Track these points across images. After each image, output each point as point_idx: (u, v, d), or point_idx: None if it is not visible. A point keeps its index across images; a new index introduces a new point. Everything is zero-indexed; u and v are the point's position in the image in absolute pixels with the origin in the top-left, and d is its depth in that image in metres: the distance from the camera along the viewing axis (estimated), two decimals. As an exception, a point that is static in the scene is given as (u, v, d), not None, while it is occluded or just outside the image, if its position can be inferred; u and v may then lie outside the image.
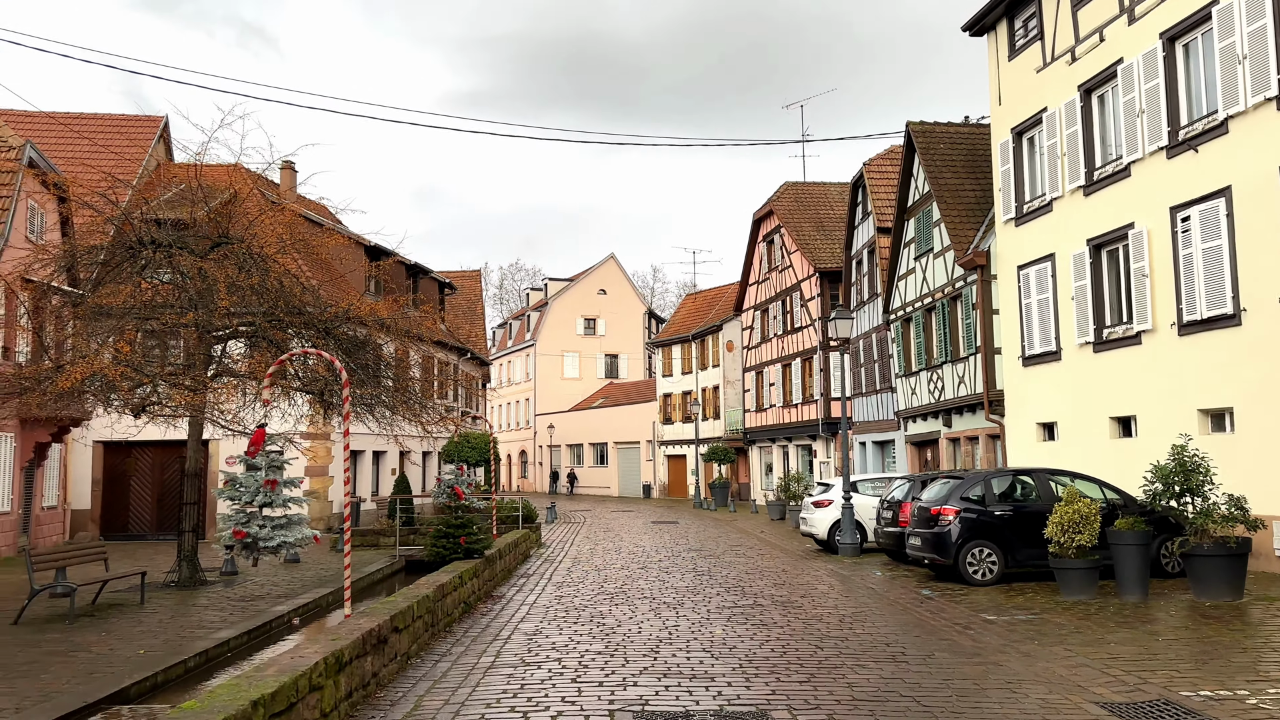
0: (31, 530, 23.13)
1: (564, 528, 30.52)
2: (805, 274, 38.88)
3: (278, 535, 9.68)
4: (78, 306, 15.40)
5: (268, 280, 15.29)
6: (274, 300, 16.27)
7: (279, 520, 9.68)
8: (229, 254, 16.00)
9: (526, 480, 71.98)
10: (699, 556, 19.99)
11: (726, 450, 44.61)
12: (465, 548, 13.59)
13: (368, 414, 16.75)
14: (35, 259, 15.59)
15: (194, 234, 16.29)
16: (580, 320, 72.60)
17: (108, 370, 12.54)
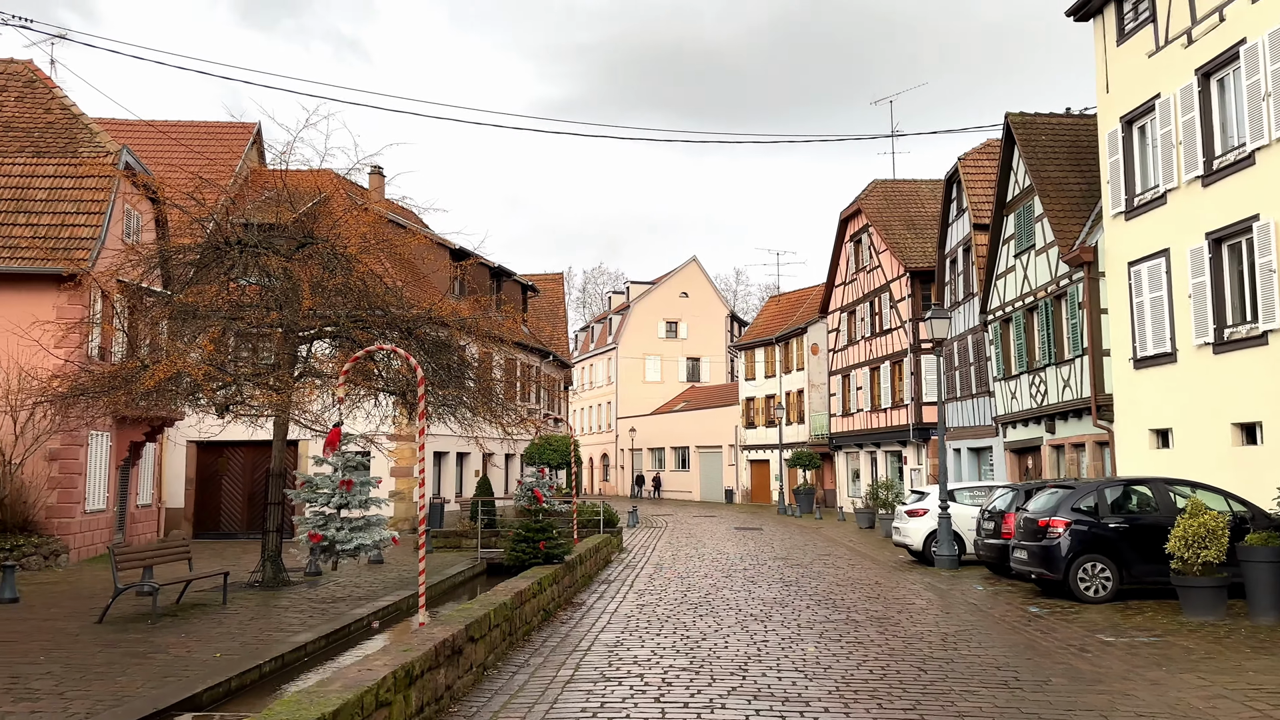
0: (126, 528, 23.62)
1: (645, 532, 30.03)
2: (895, 274, 37.68)
3: (355, 538, 9.43)
4: (167, 306, 15.51)
5: (351, 280, 15.16)
6: (357, 300, 16.15)
7: (357, 522, 9.42)
8: (314, 254, 15.93)
9: (608, 484, 71.80)
10: (786, 565, 19.25)
11: (811, 455, 43.58)
12: (545, 552, 13.18)
13: (449, 415, 16.51)
14: (126, 259, 15.75)
15: (281, 235, 16.28)
16: (662, 323, 72.18)
17: (192, 369, 12.51)
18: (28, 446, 19.08)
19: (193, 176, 17.27)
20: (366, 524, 9.28)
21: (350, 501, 9.36)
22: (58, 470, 19.88)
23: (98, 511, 21.39)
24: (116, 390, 13.17)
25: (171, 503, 29.12)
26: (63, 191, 21.30)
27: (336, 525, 9.56)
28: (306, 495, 9.73)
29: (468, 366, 16.64)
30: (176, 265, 16.68)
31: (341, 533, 9.60)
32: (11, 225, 20.31)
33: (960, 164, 30.79)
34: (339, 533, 9.47)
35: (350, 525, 9.28)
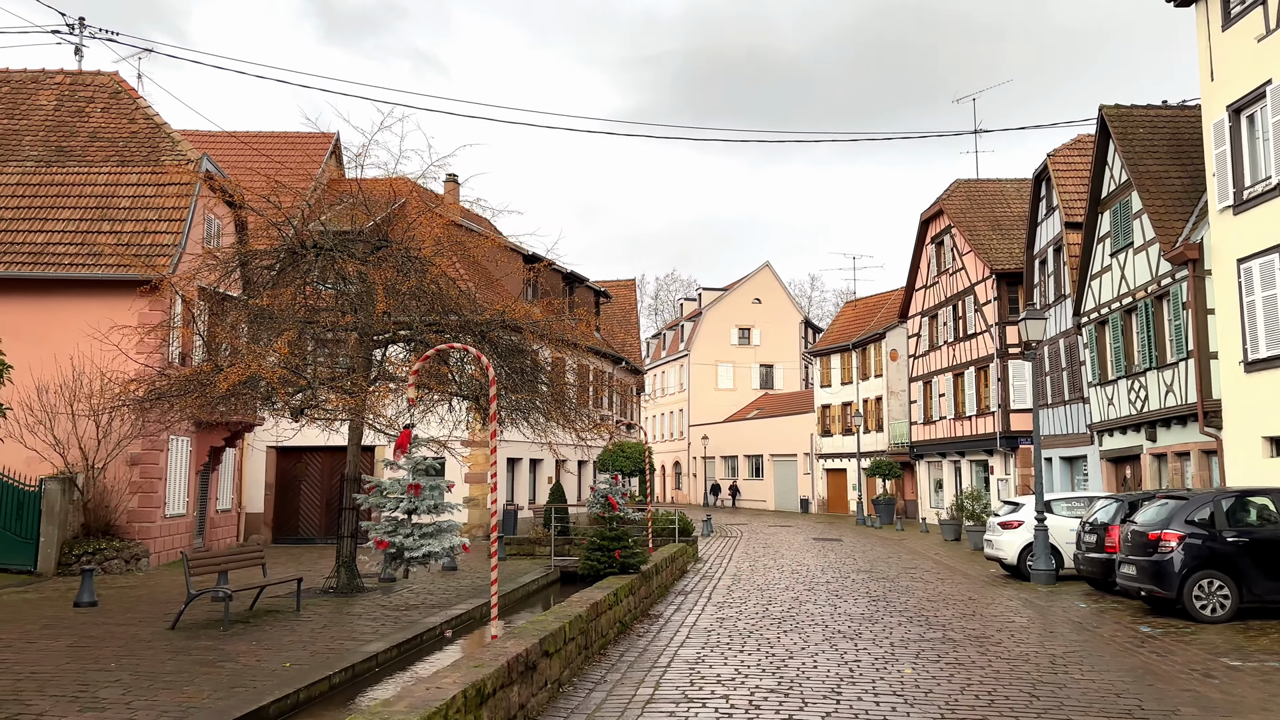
0: (206, 532, 23.85)
1: (720, 542, 29.35)
2: (980, 276, 36.37)
3: (424, 544, 9.04)
4: (244, 310, 15.46)
5: (424, 283, 14.91)
6: (431, 304, 15.92)
7: (427, 528, 9.02)
8: (388, 257, 15.74)
9: (680, 492, 71.16)
10: (871, 579, 18.43)
11: (891, 465, 42.37)
12: (620, 562, 12.67)
13: (522, 420, 16.16)
14: (204, 263, 15.77)
15: (356, 239, 16.13)
16: (734, 330, 71.36)
17: (265, 372, 12.36)
18: (110, 451, 19.32)
19: (269, 180, 17.25)
20: (437, 530, 8.83)
21: (419, 507, 8.90)
22: (139, 475, 20.10)
23: (178, 516, 21.60)
24: (192, 394, 13.11)
25: (251, 507, 29.44)
26: (145, 199, 21.63)
27: (405, 531, 9.15)
28: (375, 500, 9.32)
29: (540, 370, 16.27)
30: (255, 270, 16.65)
31: (410, 539, 9.16)
32: (96, 233, 20.66)
33: (1050, 160, 29.52)
34: (408, 539, 9.04)
35: (420, 531, 8.83)
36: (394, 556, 9.06)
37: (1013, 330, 35.01)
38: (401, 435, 8.60)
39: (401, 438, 8.65)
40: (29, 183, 21.60)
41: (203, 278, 16.29)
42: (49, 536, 18.60)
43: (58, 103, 23.42)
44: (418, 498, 8.84)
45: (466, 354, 16.05)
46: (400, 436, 8.59)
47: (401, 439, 8.67)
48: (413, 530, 8.97)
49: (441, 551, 8.86)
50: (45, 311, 19.90)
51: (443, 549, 9.05)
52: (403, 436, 8.63)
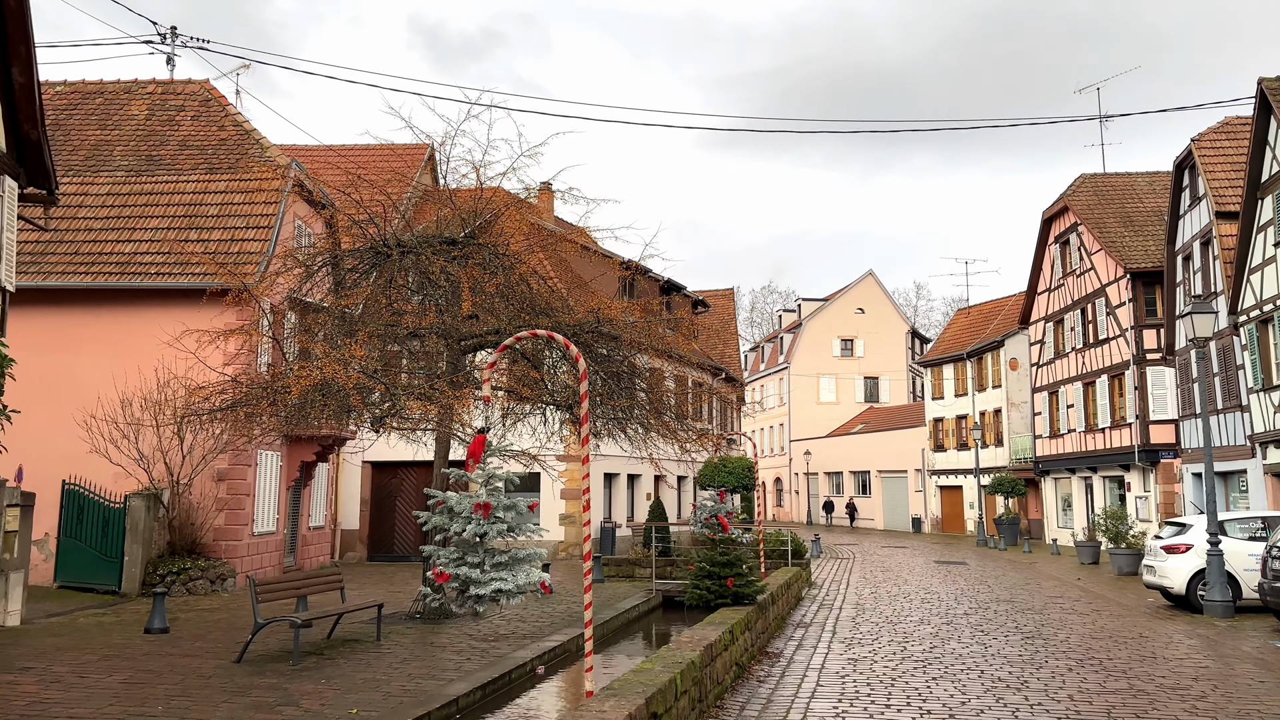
0: (298, 550, 23.07)
1: (832, 564, 27.32)
2: (1112, 276, 33.48)
3: (495, 579, 7.19)
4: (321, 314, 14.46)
5: (512, 280, 13.62)
6: (521, 304, 14.63)
7: (500, 558, 7.29)
8: (473, 253, 14.52)
9: (781, 509, 68.80)
10: (1015, 610, 16.27)
11: (1015, 481, 39.50)
12: (734, 591, 11.02)
13: (619, 430, 14.71)
14: (283, 264, 14.83)
15: (441, 237, 14.99)
16: (836, 341, 68.80)
17: (339, 378, 11.21)
18: (195, 466, 18.59)
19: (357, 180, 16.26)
20: (513, 561, 7.21)
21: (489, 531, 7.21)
22: (225, 491, 19.34)
23: (267, 534, 20.81)
24: (264, 401, 12.06)
25: (346, 524, 28.74)
26: (233, 207, 21.05)
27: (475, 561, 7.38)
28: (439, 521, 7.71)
29: (638, 376, 14.78)
30: (340, 273, 15.65)
31: (478, 571, 7.43)
32: (183, 241, 20.10)
33: (1195, 145, 26.75)
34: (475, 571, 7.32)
35: (492, 561, 7.25)
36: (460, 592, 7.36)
37: (1150, 334, 32.09)
38: (474, 442, 7.16)
39: (474, 445, 7.21)
40: (118, 192, 21.24)
41: (284, 280, 15.35)
42: (133, 555, 17.92)
43: (149, 112, 23.14)
44: (487, 520, 7.22)
45: (558, 358, 14.70)
46: (473, 444, 7.15)
47: (474, 446, 7.22)
48: (483, 559, 7.32)
49: (514, 588, 7.12)
50: (131, 323, 19.37)
51: (516, 585, 7.29)
52: (475, 444, 7.18)
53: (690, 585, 11.44)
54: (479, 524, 6.93)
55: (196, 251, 19.78)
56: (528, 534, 7.14)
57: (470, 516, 7.00)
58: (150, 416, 18.42)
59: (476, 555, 7.21)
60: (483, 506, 6.84)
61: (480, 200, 15.28)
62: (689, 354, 33.46)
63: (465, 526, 7.30)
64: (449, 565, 7.16)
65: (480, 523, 6.88)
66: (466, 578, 7.22)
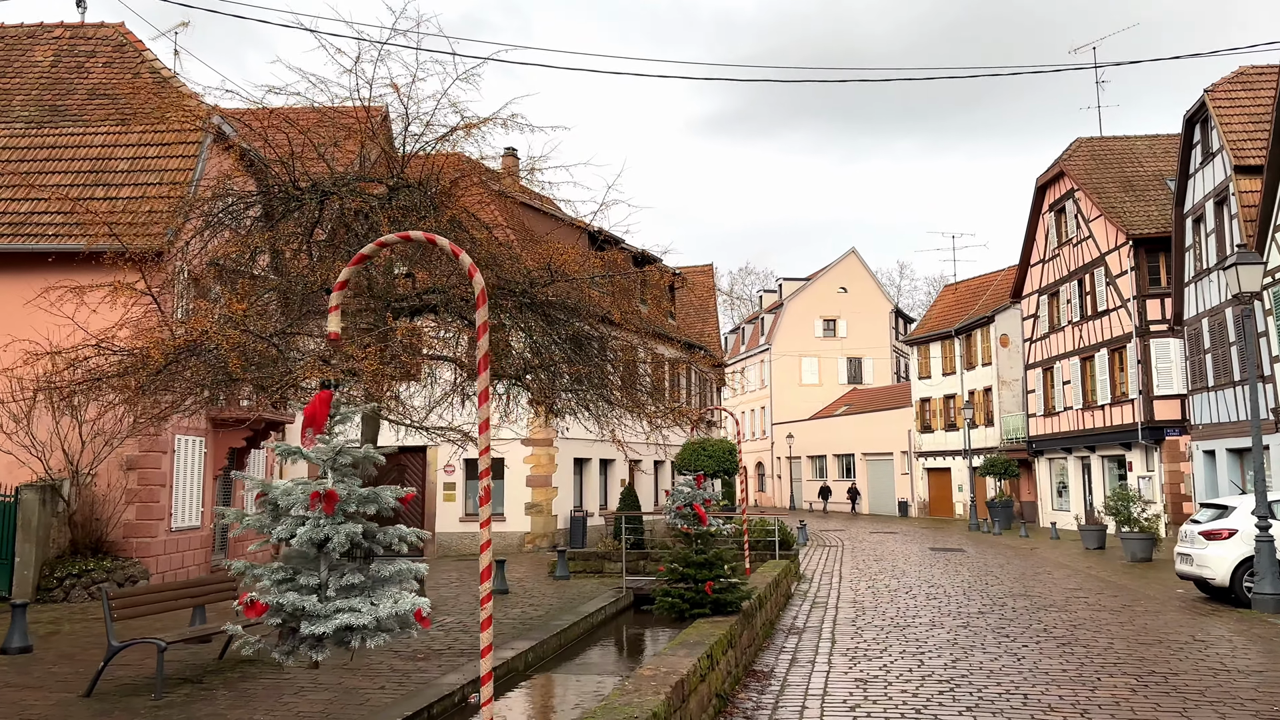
0: (230, 548, 20.75)
1: (820, 553, 25.29)
2: (1113, 244, 31.54)
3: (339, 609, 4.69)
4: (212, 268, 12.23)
5: (442, 221, 11.38)
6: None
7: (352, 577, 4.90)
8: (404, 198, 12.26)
9: (764, 494, 66.91)
10: (1035, 608, 14.23)
11: (1008, 463, 37.66)
12: (713, 598, 8.88)
13: (579, 405, 12.55)
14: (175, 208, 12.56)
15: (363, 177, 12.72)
16: (819, 321, 66.79)
17: (213, 339, 8.99)
18: (98, 453, 16.26)
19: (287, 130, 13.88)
20: (371, 582, 5.00)
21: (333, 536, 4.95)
22: (136, 481, 17.01)
23: (188, 529, 18.48)
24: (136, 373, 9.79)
25: (291, 516, 26.43)
26: (146, 161, 18.64)
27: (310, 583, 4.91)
28: (254, 522, 5.45)
29: (599, 340, 12.58)
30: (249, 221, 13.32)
31: (314, 598, 5.09)
32: (88, 200, 17.67)
33: (1209, 97, 24.78)
34: (310, 598, 5.04)
35: (340, 583, 5.04)
36: (287, 630, 5.12)
37: (1154, 304, 30.21)
38: (314, 402, 4.91)
39: (313, 407, 4.94)
40: (16, 145, 18.76)
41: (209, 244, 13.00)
42: (25, 556, 15.60)
43: (55, 58, 20.62)
44: (331, 519, 5.02)
45: (507, 322, 12.45)
46: (312, 404, 4.91)
47: (313, 409, 4.94)
48: (325, 580, 5.04)
49: (372, 623, 4.90)
50: (26, 290, 16.93)
51: (375, 618, 5.00)
52: (315, 404, 4.91)
53: (659, 591, 9.31)
54: (318, 525, 4.72)
55: (102, 210, 17.43)
56: (396, 540, 4.92)
57: (305, 514, 4.79)
58: (46, 396, 16.06)
59: (314, 573, 4.91)
60: (324, 498, 4.66)
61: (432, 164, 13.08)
62: (665, 328, 31.27)
63: (295, 530, 4.96)
64: (271, 590, 4.84)
65: (321, 523, 4.70)
66: (294, 609, 4.88)
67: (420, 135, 12.21)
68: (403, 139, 12.36)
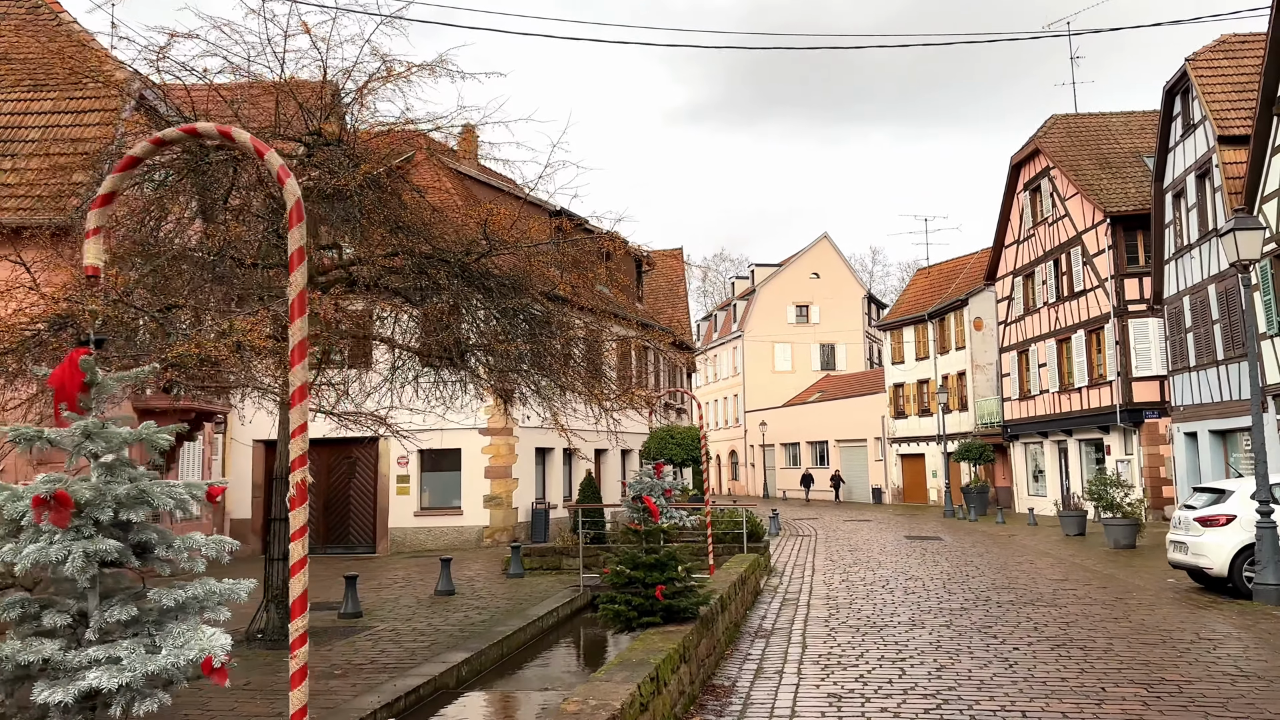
0: (161, 545, 19.35)
1: (792, 543, 24.26)
2: (1089, 222, 30.69)
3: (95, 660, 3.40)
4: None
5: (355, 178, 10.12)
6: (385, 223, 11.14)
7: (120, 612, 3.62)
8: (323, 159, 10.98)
9: (737, 483, 66.03)
10: (1022, 602, 13.20)
11: (983, 448, 36.83)
12: (665, 605, 7.72)
13: (526, 385, 11.36)
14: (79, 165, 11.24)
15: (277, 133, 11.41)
16: (791, 307, 65.87)
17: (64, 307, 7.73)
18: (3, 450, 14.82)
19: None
20: (153, 616, 3.70)
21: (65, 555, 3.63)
22: (47, 477, 15.59)
23: (110, 528, 17.06)
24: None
25: (237, 513, 25.05)
26: (59, 130, 17.20)
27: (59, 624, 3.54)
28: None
29: (546, 317, 11.36)
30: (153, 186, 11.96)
31: (56, 645, 3.71)
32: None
33: (1190, 65, 23.87)
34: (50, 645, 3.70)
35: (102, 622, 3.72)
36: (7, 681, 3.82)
37: (1132, 284, 29.39)
38: (62, 365, 3.69)
39: (61, 372, 3.70)
40: (-86, 114, 17.23)
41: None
42: (-81, 561, 14.18)
43: (-40, 21, 19.03)
44: (67, 532, 3.74)
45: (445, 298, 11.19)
46: (60, 368, 3.68)
47: (61, 375, 3.70)
48: (74, 621, 3.74)
49: (140, 681, 3.65)
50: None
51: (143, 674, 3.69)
52: (63, 369, 3.68)
53: (603, 598, 8.12)
54: (49, 542, 3.40)
55: (11, 183, 16.03)
56: (184, 555, 3.76)
57: (34, 524, 3.56)
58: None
59: (61, 612, 3.61)
60: (51, 503, 3.42)
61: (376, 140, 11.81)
62: (628, 310, 30.04)
63: (26, 549, 3.65)
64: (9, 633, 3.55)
65: (54, 539, 3.39)
66: (25, 662, 3.54)
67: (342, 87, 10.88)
68: (322, 92, 11.03)
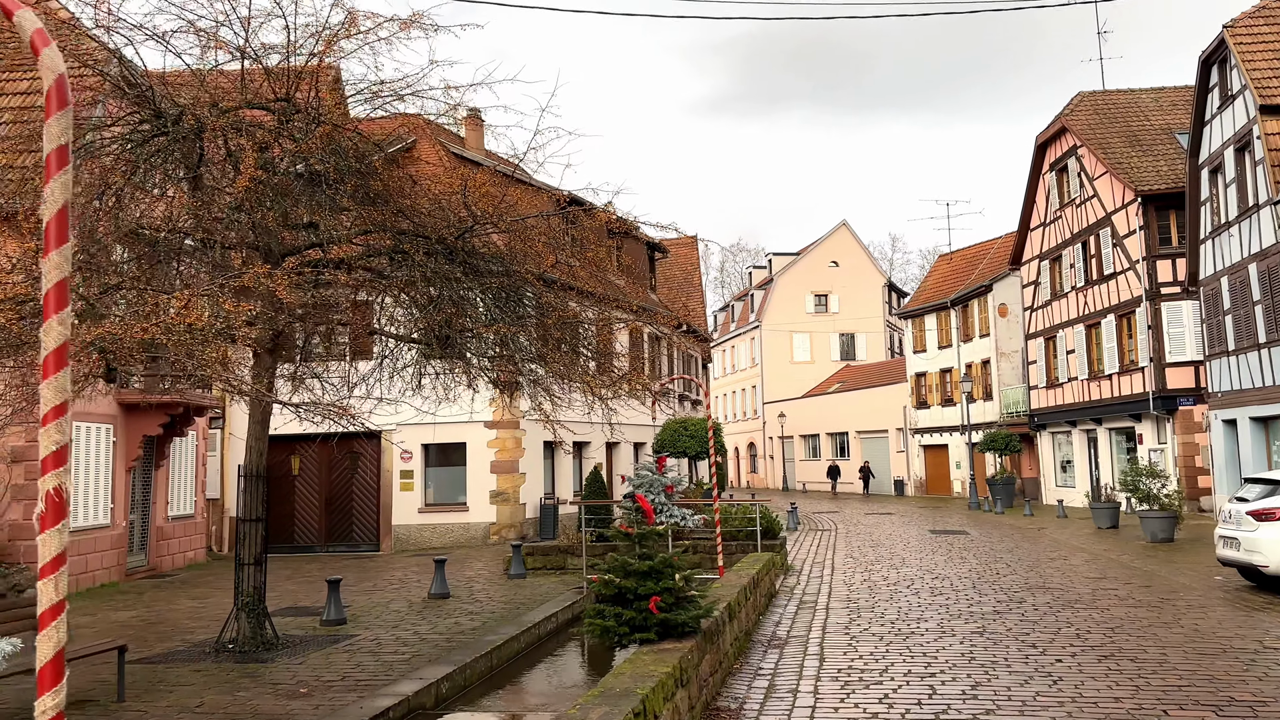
0: (151, 547, 18.60)
1: (811, 539, 23.25)
2: (1119, 202, 29.41)
3: None
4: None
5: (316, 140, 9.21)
6: (359, 197, 10.23)
7: None
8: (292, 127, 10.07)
9: (756, 475, 64.94)
10: (1059, 604, 12.15)
11: (1009, 437, 35.61)
12: (661, 620, 6.76)
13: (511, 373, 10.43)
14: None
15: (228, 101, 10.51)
16: (810, 296, 64.59)
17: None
18: (-30, 444, 14.07)
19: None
20: None
21: None
22: (23, 476, 14.83)
23: (93, 528, 16.31)
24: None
25: (235, 510, 24.27)
26: (29, 112, 16.37)
27: None
28: None
29: (535, 304, 10.41)
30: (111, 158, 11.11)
31: None
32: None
33: (1229, 33, 22.59)
34: None
35: None
36: None
37: (1165, 265, 28.13)
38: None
39: None
40: (-115, 96, 16.47)
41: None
42: (-115, 565, 13.46)
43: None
44: None
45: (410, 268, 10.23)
46: None
47: None
48: None
49: None
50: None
51: None
52: None
53: (589, 611, 7.15)
54: None
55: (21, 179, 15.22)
56: None
57: None
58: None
59: None
60: None
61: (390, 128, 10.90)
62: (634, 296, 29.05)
63: None
64: None
65: None
66: None
67: (299, 46, 9.94)
68: (287, 48, 10.10)
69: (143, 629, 12.18)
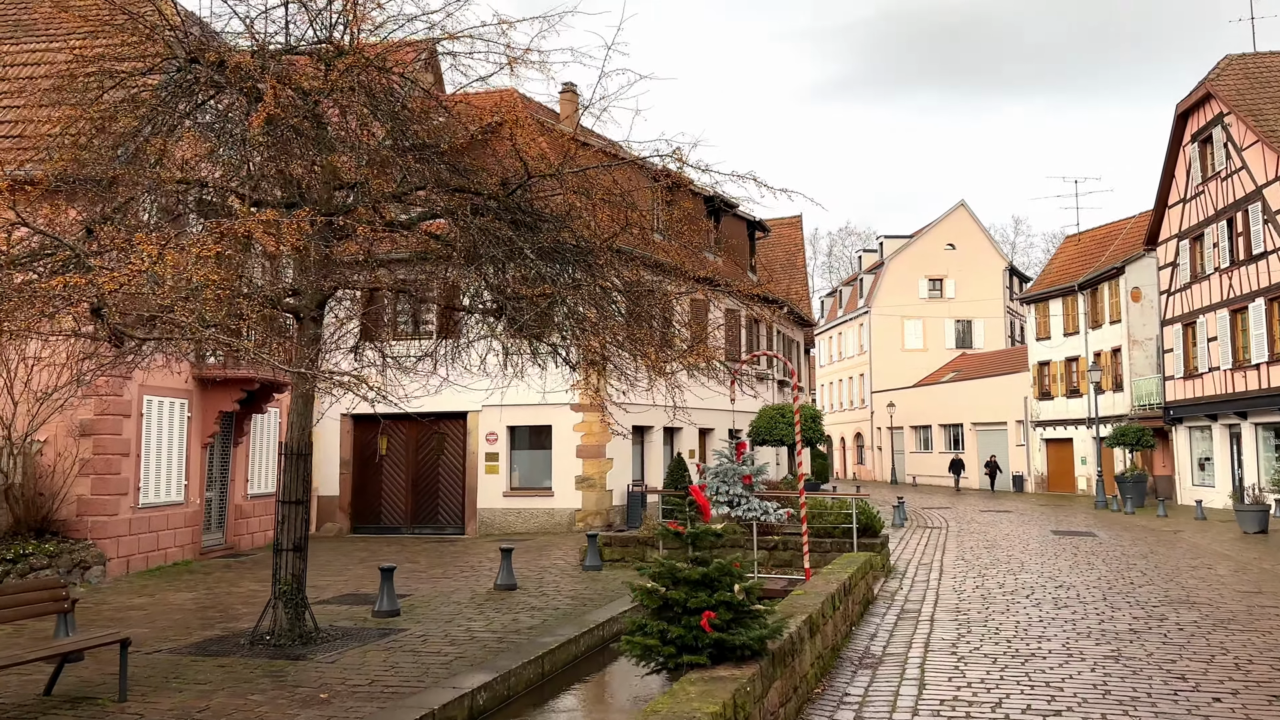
0: (229, 525, 18.29)
1: (919, 537, 21.51)
2: (1272, 174, 26.44)
3: None
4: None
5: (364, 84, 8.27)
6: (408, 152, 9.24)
7: None
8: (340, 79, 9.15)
9: (863, 467, 62.59)
10: (1209, 624, 10.34)
11: (1142, 432, 32.80)
12: (715, 639, 5.52)
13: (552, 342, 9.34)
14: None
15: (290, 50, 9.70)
16: (923, 281, 61.65)
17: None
18: (36, 415, 13.78)
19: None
20: None
21: None
22: (91, 450, 14.53)
23: (165, 505, 15.98)
24: None
25: (325, 490, 24.07)
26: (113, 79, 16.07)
27: None
28: None
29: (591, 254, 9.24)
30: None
31: None
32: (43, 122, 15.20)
33: None
34: None
35: None
36: None
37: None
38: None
39: None
40: (-30, 66, 16.45)
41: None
42: (-47, 537, 13.29)
43: (21, -31, 18.25)
44: None
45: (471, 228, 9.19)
46: None
47: None
48: None
49: None
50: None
51: None
52: None
53: (631, 625, 5.92)
54: None
55: (53, 133, 14.95)
56: None
57: None
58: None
59: None
60: None
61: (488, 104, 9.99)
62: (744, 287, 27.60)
63: None
64: None
65: None
66: None
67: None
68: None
69: (193, 613, 11.59)
